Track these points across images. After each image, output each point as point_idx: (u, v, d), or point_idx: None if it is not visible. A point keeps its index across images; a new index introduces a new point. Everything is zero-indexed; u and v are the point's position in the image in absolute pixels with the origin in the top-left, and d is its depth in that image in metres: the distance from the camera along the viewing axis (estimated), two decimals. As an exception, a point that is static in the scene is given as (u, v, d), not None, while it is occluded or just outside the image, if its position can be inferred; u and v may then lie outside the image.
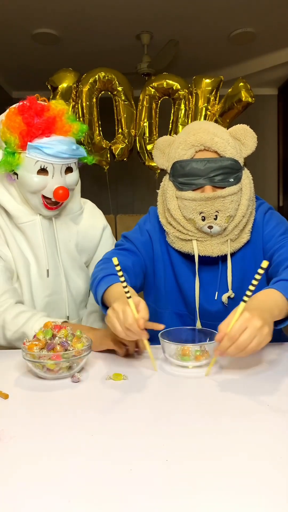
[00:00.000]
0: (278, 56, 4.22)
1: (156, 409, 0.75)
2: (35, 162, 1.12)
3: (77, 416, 0.73)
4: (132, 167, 4.69)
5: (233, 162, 1.08)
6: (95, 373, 0.92)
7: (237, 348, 0.80)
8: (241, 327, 0.80)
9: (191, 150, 1.09)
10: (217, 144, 1.08)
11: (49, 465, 0.59)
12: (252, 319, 0.81)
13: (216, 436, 0.65)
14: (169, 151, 1.16)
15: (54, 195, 1.14)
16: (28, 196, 1.17)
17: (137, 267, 1.18)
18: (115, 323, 0.88)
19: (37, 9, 3.24)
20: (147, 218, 1.28)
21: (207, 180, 1.07)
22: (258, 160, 5.02)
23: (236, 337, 0.80)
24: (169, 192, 1.13)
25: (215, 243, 1.11)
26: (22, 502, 0.51)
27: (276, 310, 0.88)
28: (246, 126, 1.14)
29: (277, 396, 0.79)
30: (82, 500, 0.51)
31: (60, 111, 1.15)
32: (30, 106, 1.13)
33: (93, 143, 3.40)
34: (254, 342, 0.80)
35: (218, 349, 0.83)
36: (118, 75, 3.35)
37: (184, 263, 1.19)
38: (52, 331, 0.93)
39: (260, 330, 0.80)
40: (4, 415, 0.74)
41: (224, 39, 3.81)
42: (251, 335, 0.80)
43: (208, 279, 1.17)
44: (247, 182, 1.12)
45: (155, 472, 0.56)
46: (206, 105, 3.36)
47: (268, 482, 0.54)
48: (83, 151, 1.19)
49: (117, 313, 0.88)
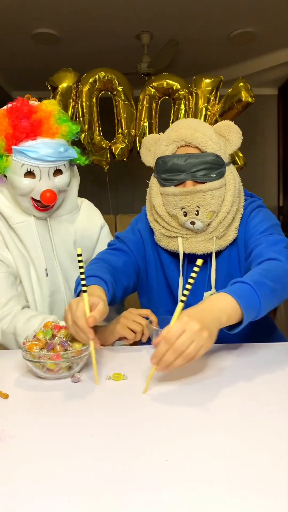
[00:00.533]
0: (278, 56, 4.22)
1: (156, 409, 0.75)
2: (21, 165, 1.12)
3: (77, 416, 0.73)
4: (132, 167, 4.68)
5: (214, 158, 1.07)
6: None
7: (174, 352, 0.76)
8: (178, 330, 0.76)
9: (172, 145, 1.09)
10: (198, 140, 1.07)
11: (49, 465, 0.59)
12: (190, 322, 0.77)
13: (216, 436, 0.65)
14: (155, 148, 1.17)
15: (41, 198, 1.14)
16: (18, 199, 1.18)
17: (129, 267, 1.19)
18: (67, 317, 0.89)
19: (37, 9, 3.24)
20: (139, 217, 1.28)
21: (188, 175, 1.06)
22: (258, 160, 5.03)
23: (172, 340, 0.76)
24: (153, 189, 1.14)
25: (200, 240, 1.10)
26: (22, 502, 0.51)
27: (223, 317, 0.83)
28: (230, 122, 1.13)
29: (277, 396, 0.79)
30: (82, 500, 0.51)
31: (48, 113, 1.14)
32: (17, 107, 1.13)
33: (93, 143, 3.40)
34: (192, 346, 0.76)
35: (154, 355, 0.78)
36: (118, 75, 3.35)
37: (173, 263, 1.19)
38: (52, 331, 0.93)
39: (199, 334, 0.77)
40: (4, 415, 0.74)
41: (224, 39, 3.81)
42: (188, 338, 0.76)
43: (196, 278, 1.16)
44: (231, 178, 1.11)
45: (155, 472, 0.56)
46: (206, 105, 3.36)
47: (268, 482, 0.54)
48: (72, 153, 1.18)
49: (71, 306, 0.89)
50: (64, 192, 1.22)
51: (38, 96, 1.23)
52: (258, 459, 0.59)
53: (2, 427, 0.69)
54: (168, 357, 0.77)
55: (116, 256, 1.18)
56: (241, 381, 0.86)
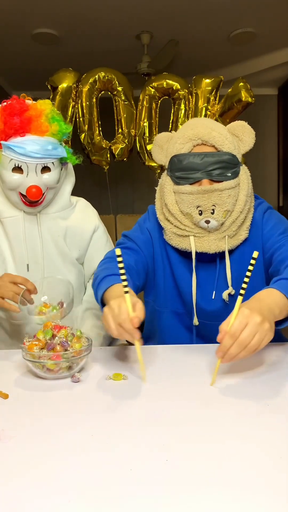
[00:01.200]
0: (278, 56, 4.22)
1: (156, 409, 0.75)
2: (9, 160, 1.16)
3: (77, 416, 0.73)
4: (132, 167, 4.69)
5: (230, 157, 1.08)
6: (95, 373, 0.92)
7: (240, 346, 0.79)
8: (241, 323, 0.79)
9: (188, 144, 1.09)
10: (215, 138, 1.08)
11: (49, 465, 0.59)
12: (252, 315, 0.80)
13: (216, 436, 0.65)
14: (167, 146, 1.16)
15: (27, 193, 1.17)
16: (7, 193, 1.22)
17: (139, 265, 1.18)
18: (109, 320, 0.87)
19: (37, 9, 3.24)
20: (147, 216, 1.28)
21: (204, 174, 1.07)
22: (258, 160, 5.03)
23: (237, 334, 0.79)
24: (166, 187, 1.13)
25: (212, 239, 1.10)
26: (22, 502, 0.51)
27: (276, 309, 0.87)
28: (244, 123, 1.14)
29: (277, 396, 0.79)
30: (82, 500, 0.52)
31: (39, 111, 1.17)
32: (11, 105, 1.17)
33: (93, 143, 3.40)
34: (256, 338, 0.79)
35: (220, 349, 0.81)
36: (118, 75, 3.35)
37: (182, 262, 1.19)
38: (52, 331, 0.93)
39: (261, 325, 0.79)
40: (4, 415, 0.74)
41: (224, 39, 3.81)
42: (252, 331, 0.79)
43: (205, 278, 1.16)
44: (245, 178, 1.12)
45: (155, 472, 0.56)
46: (206, 105, 3.36)
47: (268, 482, 0.54)
48: (61, 152, 1.20)
49: (112, 309, 0.87)
50: (53, 189, 1.24)
51: (37, 96, 1.25)
52: (258, 459, 0.59)
53: (2, 427, 0.69)
54: (233, 350, 0.80)
55: (127, 255, 1.17)
56: (241, 381, 0.86)
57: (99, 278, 1.07)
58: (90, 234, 1.35)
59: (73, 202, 1.35)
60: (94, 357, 1.02)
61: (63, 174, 1.28)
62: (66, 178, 1.32)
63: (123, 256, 1.15)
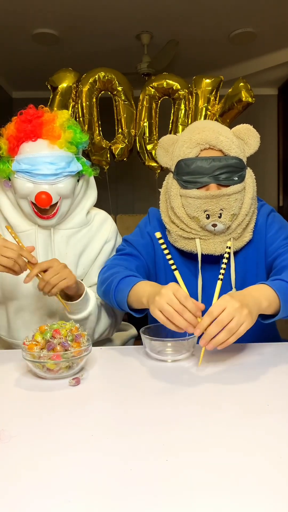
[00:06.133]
0: (278, 56, 4.22)
1: (156, 409, 0.75)
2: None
3: (77, 416, 0.73)
4: (132, 167, 4.69)
5: (237, 161, 1.09)
6: (95, 373, 0.92)
7: (218, 324, 0.83)
8: (220, 306, 0.84)
9: (196, 148, 1.10)
10: (222, 143, 1.08)
11: (49, 465, 0.59)
12: (231, 300, 0.85)
13: (217, 436, 0.65)
14: (173, 149, 1.17)
15: (36, 199, 1.12)
16: (20, 203, 1.17)
17: (140, 270, 1.19)
18: (164, 307, 0.88)
19: (37, 9, 3.24)
20: (147, 220, 1.27)
21: (212, 178, 1.07)
22: (258, 160, 5.02)
23: (215, 313, 0.84)
24: (173, 190, 1.14)
25: (218, 241, 1.11)
26: (22, 502, 0.51)
27: (264, 302, 0.90)
28: (249, 126, 1.15)
29: (277, 395, 0.79)
30: (82, 500, 0.51)
31: (52, 116, 1.15)
32: (26, 111, 1.15)
33: (93, 143, 3.40)
34: (234, 321, 0.83)
35: (198, 327, 0.86)
36: (118, 75, 3.35)
37: (185, 265, 1.19)
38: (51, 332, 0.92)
39: (239, 310, 0.83)
40: (4, 415, 0.74)
41: (224, 39, 3.81)
42: (230, 312, 0.83)
43: (209, 281, 1.17)
44: (250, 181, 1.13)
45: (155, 472, 0.56)
46: (206, 105, 3.36)
47: (268, 482, 0.54)
48: (75, 168, 1.15)
49: (170, 299, 0.88)
50: (68, 199, 1.18)
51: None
52: (258, 459, 0.59)
53: (2, 427, 0.69)
54: (211, 329, 0.84)
55: (128, 262, 1.17)
56: (241, 381, 0.86)
57: (115, 282, 1.07)
58: (99, 249, 1.28)
59: (91, 218, 1.28)
60: (94, 357, 1.02)
61: (82, 186, 1.23)
62: (86, 193, 1.27)
63: (124, 263, 1.16)
